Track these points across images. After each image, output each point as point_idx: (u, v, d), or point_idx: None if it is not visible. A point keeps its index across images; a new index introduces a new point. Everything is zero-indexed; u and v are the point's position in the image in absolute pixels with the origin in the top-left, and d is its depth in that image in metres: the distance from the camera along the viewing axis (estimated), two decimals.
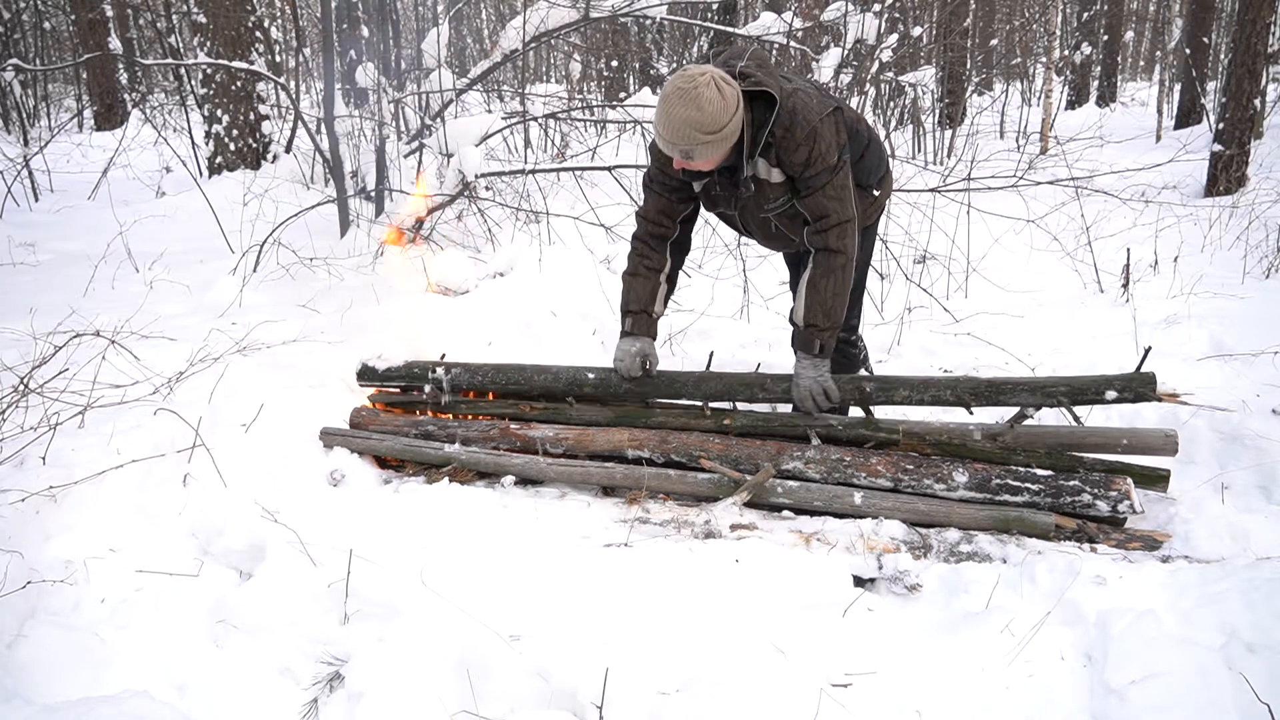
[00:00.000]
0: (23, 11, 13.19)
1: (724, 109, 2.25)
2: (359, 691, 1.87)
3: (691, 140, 2.27)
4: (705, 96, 2.22)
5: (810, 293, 2.47)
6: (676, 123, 2.24)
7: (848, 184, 2.46)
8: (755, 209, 2.53)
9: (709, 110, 2.22)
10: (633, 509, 2.51)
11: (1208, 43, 11.45)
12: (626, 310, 2.72)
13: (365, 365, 3.21)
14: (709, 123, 2.24)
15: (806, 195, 2.42)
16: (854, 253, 2.49)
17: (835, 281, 2.46)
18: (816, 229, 2.45)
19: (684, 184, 2.57)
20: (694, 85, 2.22)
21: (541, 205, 4.97)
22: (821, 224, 2.44)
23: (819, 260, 2.47)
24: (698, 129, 2.24)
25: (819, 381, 2.52)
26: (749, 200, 2.51)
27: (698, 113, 2.22)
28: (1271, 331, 3.37)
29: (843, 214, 2.43)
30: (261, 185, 6.25)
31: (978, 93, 11.94)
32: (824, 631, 1.89)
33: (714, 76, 2.25)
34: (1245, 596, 1.75)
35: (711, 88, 2.23)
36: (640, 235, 2.71)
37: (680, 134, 2.26)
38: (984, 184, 4.64)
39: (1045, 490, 2.31)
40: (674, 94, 2.24)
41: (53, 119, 11.70)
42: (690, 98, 2.22)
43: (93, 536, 2.30)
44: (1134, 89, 19.95)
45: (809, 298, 2.48)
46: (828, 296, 2.46)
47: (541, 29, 5.62)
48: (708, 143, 2.28)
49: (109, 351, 2.97)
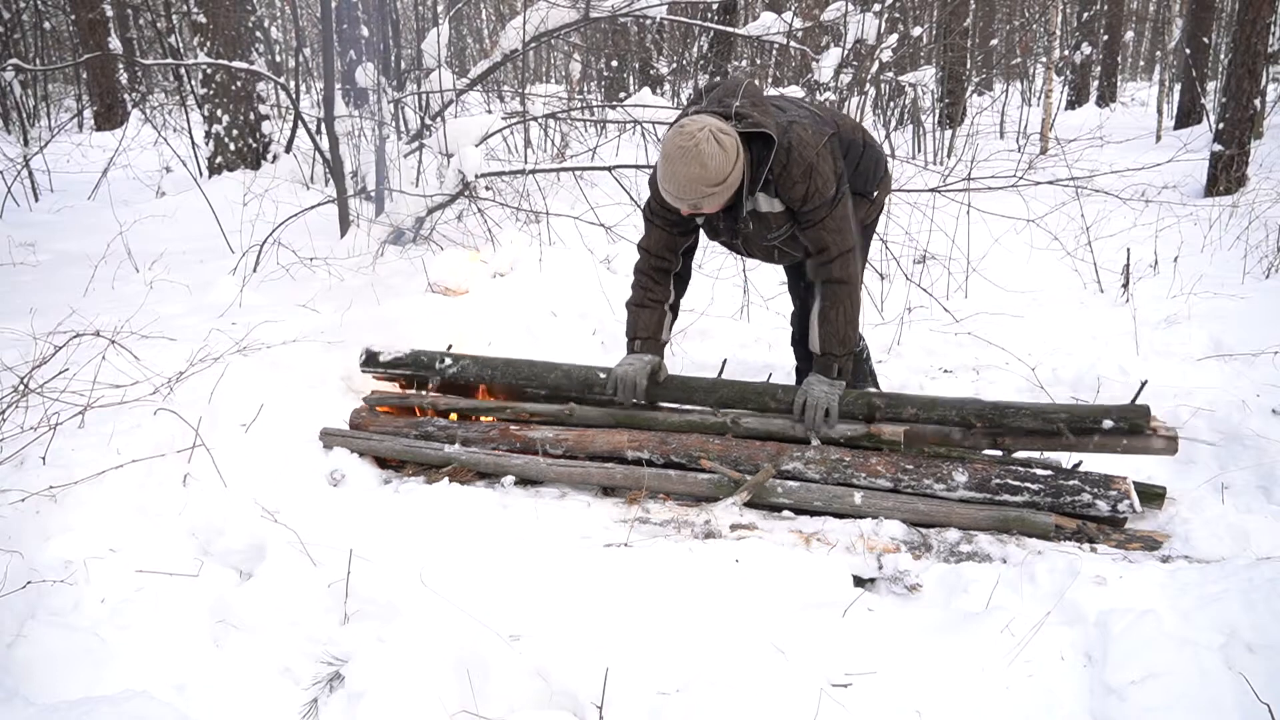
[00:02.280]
0: (23, 11, 13.19)
1: (726, 161, 2.31)
2: (359, 691, 1.87)
3: (699, 194, 2.34)
4: (707, 153, 2.27)
5: (823, 325, 2.56)
6: (682, 180, 2.31)
7: (847, 214, 2.53)
8: (758, 239, 2.61)
9: (712, 166, 2.29)
10: (633, 509, 2.51)
11: (1208, 43, 11.45)
12: (634, 337, 2.78)
13: (369, 351, 3.20)
14: (713, 177, 2.31)
15: (807, 228, 2.50)
16: (859, 279, 2.57)
17: (844, 310, 2.54)
18: (819, 262, 2.53)
19: (686, 218, 2.62)
20: (695, 143, 2.27)
21: (541, 205, 4.97)
22: (823, 257, 2.52)
23: (826, 292, 2.55)
24: (703, 184, 2.31)
25: (829, 397, 2.55)
26: (750, 232, 2.58)
27: (701, 169, 2.28)
28: (1271, 331, 3.37)
29: (843, 245, 2.50)
30: (261, 185, 6.25)
31: (978, 93, 11.94)
32: (824, 631, 1.89)
33: (712, 130, 2.30)
34: (1245, 596, 1.75)
35: (711, 142, 2.28)
36: (643, 269, 2.75)
37: (687, 190, 2.33)
38: (984, 184, 4.64)
39: (1045, 490, 2.32)
40: (676, 153, 2.30)
41: (53, 119, 11.70)
42: (693, 155, 2.28)
43: (93, 536, 2.29)
44: (1134, 89, 19.96)
45: (822, 330, 2.56)
46: (840, 326, 2.54)
47: (541, 29, 5.63)
48: (714, 194, 2.36)
49: (109, 351, 2.97)
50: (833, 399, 2.55)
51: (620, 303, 4.29)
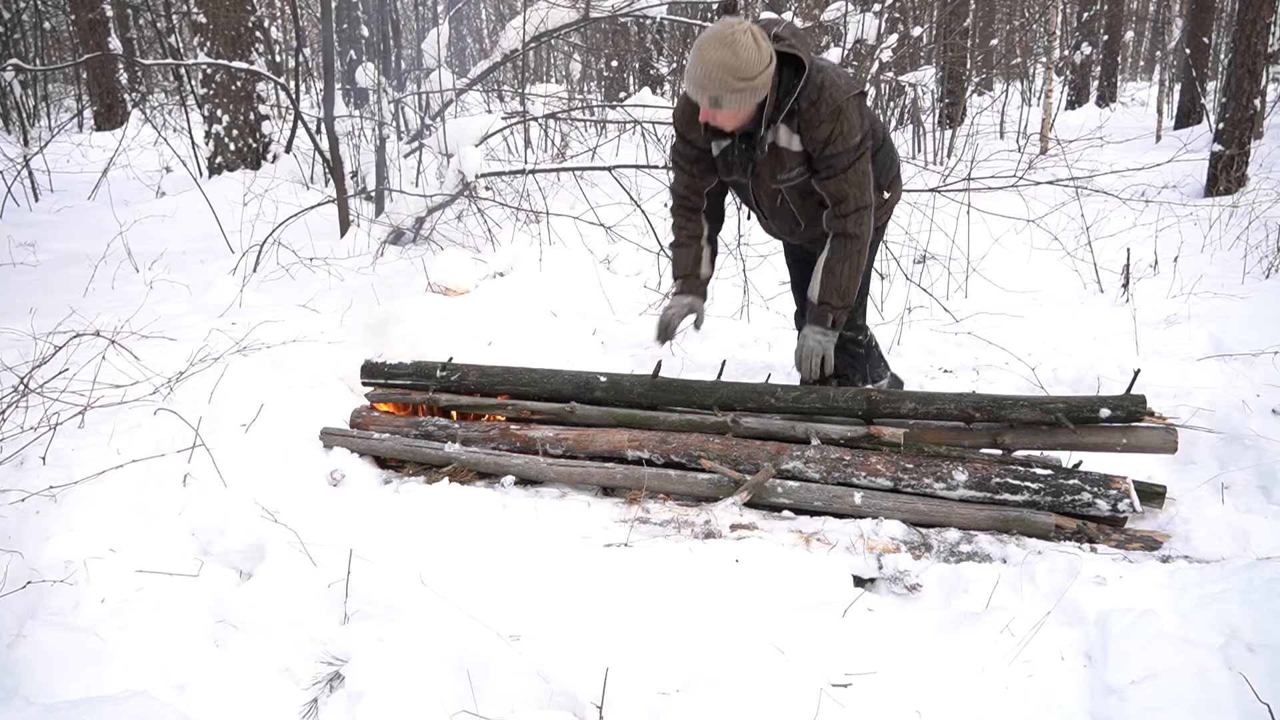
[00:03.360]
0: (23, 11, 13.19)
1: (758, 59, 2.29)
2: (359, 691, 1.87)
3: (723, 86, 2.30)
4: (741, 43, 2.27)
5: (826, 275, 2.58)
6: (710, 65, 2.28)
7: (868, 170, 2.52)
8: (768, 177, 2.59)
9: (744, 56, 2.27)
10: (633, 509, 2.51)
11: (1208, 43, 11.45)
12: (675, 277, 2.86)
13: (370, 362, 3.20)
14: (742, 68, 2.28)
15: (827, 177, 2.48)
16: (869, 237, 2.58)
17: (850, 265, 2.55)
18: (836, 213, 2.53)
19: (704, 153, 2.64)
20: (731, 32, 2.28)
21: (541, 205, 4.97)
22: (840, 208, 2.51)
23: (835, 245, 2.56)
24: (730, 73, 2.28)
25: (823, 346, 2.62)
26: (762, 168, 2.57)
27: (732, 57, 2.26)
28: (1271, 331, 3.37)
29: (861, 200, 2.50)
30: (261, 185, 6.25)
31: (978, 93, 11.94)
32: (824, 631, 1.89)
33: (750, 28, 2.31)
34: (1245, 596, 1.75)
35: (748, 36, 2.29)
36: (674, 210, 2.84)
37: (712, 77, 2.30)
38: (984, 184, 4.64)
39: (1045, 489, 2.32)
40: (711, 39, 2.30)
41: (53, 119, 11.70)
42: (726, 42, 2.27)
43: (93, 536, 2.29)
44: (1134, 89, 19.96)
45: (824, 280, 2.58)
46: (843, 279, 2.56)
47: (541, 29, 5.63)
48: (738, 90, 2.32)
49: (109, 351, 2.97)
50: (828, 347, 2.61)
51: (620, 303, 4.31)
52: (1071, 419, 2.40)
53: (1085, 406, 2.39)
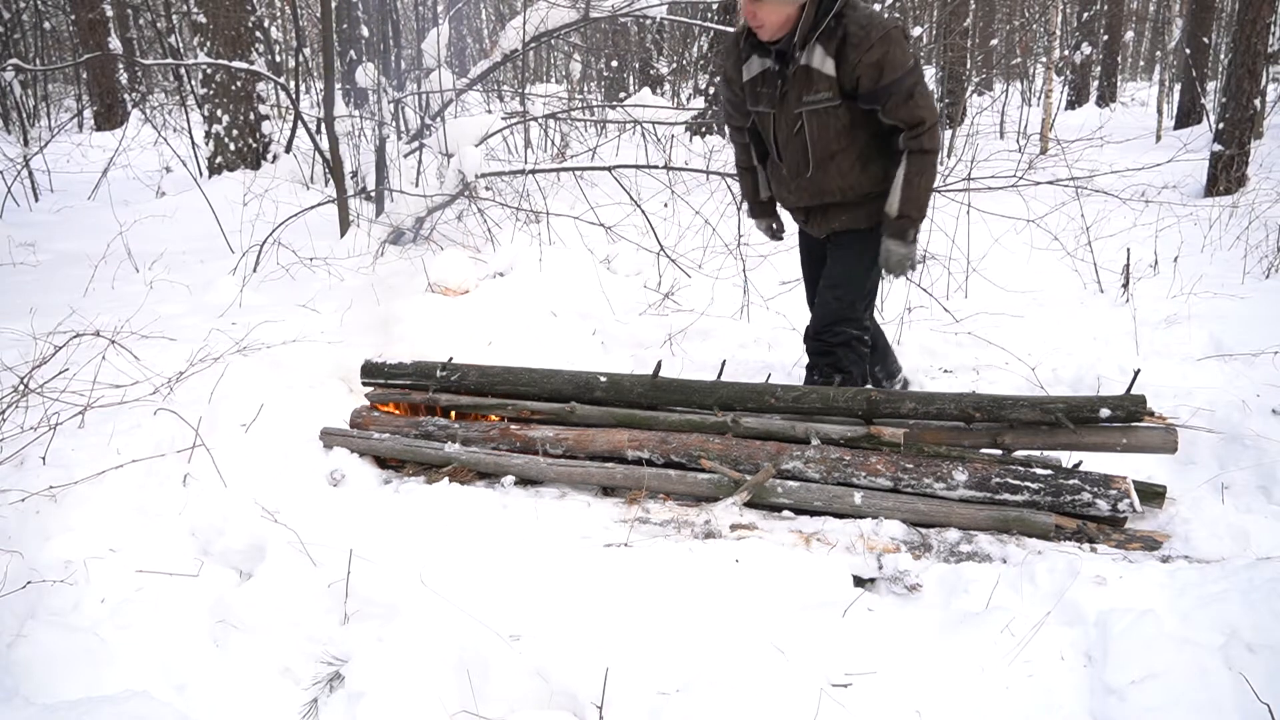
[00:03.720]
0: (23, 11, 13.19)
1: None
2: (359, 691, 1.87)
3: None
4: None
5: (906, 188, 2.69)
6: None
7: (928, 89, 2.67)
8: (794, 100, 2.68)
9: None
10: (633, 509, 2.51)
11: (1208, 43, 11.45)
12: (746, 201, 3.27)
13: (370, 362, 3.20)
14: None
15: (901, 104, 2.59)
16: (940, 147, 2.75)
17: (926, 178, 2.69)
18: (913, 134, 2.64)
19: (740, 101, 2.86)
20: None
21: (541, 205, 4.97)
22: (917, 129, 2.63)
23: (913, 160, 2.67)
24: None
25: (909, 255, 2.78)
26: (790, 88, 2.67)
27: None
28: (1271, 331, 3.37)
29: (931, 117, 2.63)
30: (261, 185, 6.26)
31: (978, 93, 11.94)
32: (824, 631, 1.89)
33: None
34: (1245, 596, 1.75)
35: None
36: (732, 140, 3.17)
37: None
38: (984, 184, 4.64)
39: (1045, 489, 2.32)
40: None
41: (53, 119, 11.71)
42: None
43: (93, 536, 2.29)
44: (1134, 89, 19.97)
45: (904, 193, 2.69)
46: (920, 192, 2.69)
47: (541, 29, 5.63)
48: None
49: (109, 351, 2.97)
50: (911, 256, 2.79)
51: (620, 303, 4.32)
52: (1071, 419, 2.40)
53: (1085, 406, 2.40)
